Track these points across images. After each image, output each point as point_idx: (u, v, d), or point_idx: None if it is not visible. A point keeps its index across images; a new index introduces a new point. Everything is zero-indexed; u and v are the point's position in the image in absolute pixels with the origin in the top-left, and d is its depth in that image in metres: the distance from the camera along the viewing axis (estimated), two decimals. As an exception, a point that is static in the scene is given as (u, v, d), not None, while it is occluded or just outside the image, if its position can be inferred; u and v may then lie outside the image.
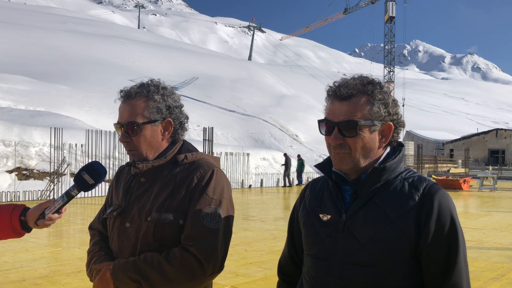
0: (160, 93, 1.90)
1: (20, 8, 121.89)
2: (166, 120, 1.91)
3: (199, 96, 61.54)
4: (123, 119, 1.89)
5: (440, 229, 1.48)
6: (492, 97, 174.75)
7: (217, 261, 1.78)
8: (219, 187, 1.85)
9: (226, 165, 23.70)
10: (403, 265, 1.49)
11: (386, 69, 65.21)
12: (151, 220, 1.82)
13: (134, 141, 1.88)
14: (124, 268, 1.77)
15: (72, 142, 18.38)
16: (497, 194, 22.05)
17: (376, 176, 1.54)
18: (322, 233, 1.59)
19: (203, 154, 1.98)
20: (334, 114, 1.57)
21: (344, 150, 1.56)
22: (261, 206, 15.68)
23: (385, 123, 1.57)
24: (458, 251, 1.48)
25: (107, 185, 14.83)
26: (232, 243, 8.13)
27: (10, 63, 52.21)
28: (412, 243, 1.48)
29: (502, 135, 64.54)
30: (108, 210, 1.97)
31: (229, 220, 1.86)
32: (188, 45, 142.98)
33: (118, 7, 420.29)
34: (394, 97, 1.62)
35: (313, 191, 1.71)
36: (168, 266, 1.73)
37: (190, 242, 1.76)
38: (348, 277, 1.51)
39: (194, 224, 1.78)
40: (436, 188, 1.53)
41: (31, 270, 6.40)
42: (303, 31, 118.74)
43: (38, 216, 1.86)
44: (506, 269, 6.81)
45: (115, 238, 1.91)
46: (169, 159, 1.90)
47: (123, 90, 1.93)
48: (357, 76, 1.62)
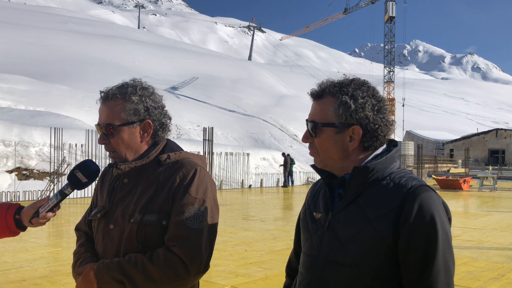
0: (138, 94, 1.86)
1: (20, 8, 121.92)
2: (145, 122, 1.87)
3: (199, 96, 61.55)
4: (101, 121, 1.87)
5: (417, 232, 1.43)
6: (492, 97, 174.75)
7: (202, 261, 1.76)
8: (202, 186, 1.83)
9: (226, 165, 23.69)
10: (381, 266, 1.47)
11: (386, 69, 65.23)
12: (134, 221, 1.80)
13: (112, 143, 1.87)
14: (107, 268, 1.76)
15: (72, 142, 18.39)
16: (497, 194, 22.05)
17: (358, 175, 1.53)
18: (312, 231, 1.61)
19: (187, 153, 1.95)
20: (309, 113, 1.61)
21: (313, 150, 1.60)
22: (261, 206, 15.68)
23: (349, 126, 1.53)
24: (435, 255, 1.43)
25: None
26: (232, 243, 8.07)
27: (10, 63, 52.24)
28: (389, 244, 1.45)
29: (502, 135, 64.55)
30: (93, 211, 1.96)
31: (214, 219, 1.84)
32: (188, 45, 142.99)
33: (118, 7, 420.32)
34: (379, 101, 1.55)
35: (313, 191, 1.74)
36: (151, 267, 1.72)
37: (174, 243, 1.74)
38: (327, 275, 1.52)
39: (177, 225, 1.76)
40: (421, 189, 1.47)
41: (31, 270, 6.40)
42: (303, 31, 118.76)
43: (32, 215, 1.86)
44: (506, 269, 6.81)
45: (99, 240, 1.90)
46: (151, 159, 1.88)
47: (102, 91, 1.91)
48: (345, 77, 1.61)
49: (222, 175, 23.32)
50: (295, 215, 14.06)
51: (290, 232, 10.25)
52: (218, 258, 6.89)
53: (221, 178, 23.09)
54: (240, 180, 24.12)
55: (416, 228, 1.43)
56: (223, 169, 23.54)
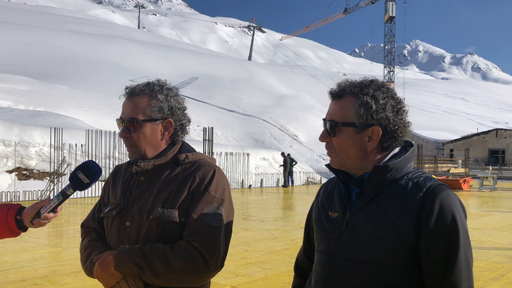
0: (164, 93, 1.92)
1: (20, 8, 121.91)
2: (167, 120, 1.92)
3: (199, 96, 61.52)
4: (125, 115, 1.92)
5: (439, 229, 1.47)
6: (492, 97, 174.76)
7: (219, 258, 1.80)
8: (220, 186, 1.89)
9: (226, 165, 23.70)
10: (402, 264, 1.50)
11: (386, 69, 65.25)
12: (153, 218, 1.83)
13: (133, 137, 1.91)
14: (129, 251, 1.78)
15: (72, 142, 18.39)
16: (497, 194, 22.06)
17: (378, 175, 1.56)
18: (328, 230, 1.63)
19: (202, 154, 2.01)
20: (328, 112, 1.63)
21: (330, 149, 1.62)
22: (261, 206, 15.69)
23: (369, 126, 1.56)
24: (458, 252, 1.47)
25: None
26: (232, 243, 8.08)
27: (10, 63, 52.22)
28: (411, 242, 1.49)
29: (502, 135, 64.55)
30: (106, 209, 1.97)
31: (230, 218, 1.89)
32: (188, 45, 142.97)
33: (118, 7, 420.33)
34: (398, 103, 1.59)
35: (325, 190, 1.76)
36: (173, 257, 1.75)
37: (194, 238, 1.78)
38: (347, 273, 1.54)
39: (198, 221, 1.80)
40: (440, 188, 1.51)
41: (31, 270, 6.40)
42: (303, 31, 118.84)
43: (33, 215, 1.87)
44: (506, 269, 6.82)
45: (114, 237, 1.91)
46: (169, 158, 1.93)
47: (128, 87, 1.97)
48: (364, 78, 1.64)
49: (222, 175, 23.32)
50: (295, 215, 14.06)
51: (290, 232, 10.25)
52: (218, 258, 6.91)
53: (221, 178, 23.08)
54: (240, 180, 24.13)
55: (438, 226, 1.47)
56: (223, 169, 23.55)
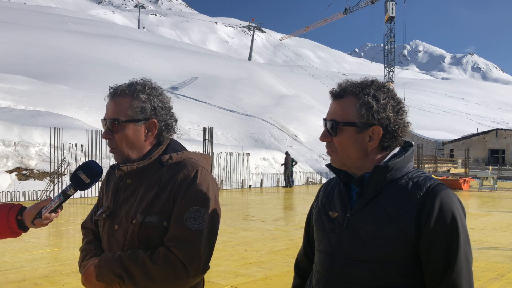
0: (147, 93, 1.88)
1: (20, 8, 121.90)
2: (150, 121, 1.88)
3: (199, 96, 61.53)
4: (107, 116, 1.89)
5: (440, 228, 1.48)
6: (492, 97, 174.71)
7: (200, 263, 1.76)
8: (203, 187, 1.82)
9: (226, 165, 23.70)
10: (403, 263, 1.51)
11: (386, 69, 65.25)
12: (135, 223, 1.81)
13: (116, 138, 1.88)
14: (108, 262, 1.78)
15: (72, 142, 18.39)
16: (497, 194, 22.06)
17: (379, 174, 1.57)
18: (329, 229, 1.64)
19: (190, 153, 1.94)
20: (328, 112, 1.63)
21: (331, 149, 1.63)
22: (261, 206, 15.69)
23: (370, 126, 1.57)
24: (458, 251, 1.48)
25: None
26: (232, 243, 8.06)
27: (10, 63, 52.23)
28: (411, 241, 1.50)
29: (502, 135, 64.54)
30: (99, 211, 1.97)
31: (214, 220, 1.84)
32: (188, 45, 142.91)
33: (118, 7, 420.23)
34: (398, 103, 1.60)
35: (326, 190, 1.77)
36: (151, 265, 1.73)
37: (172, 243, 1.75)
38: (349, 272, 1.55)
39: (177, 225, 1.77)
40: (440, 188, 1.52)
41: (31, 270, 6.40)
42: (303, 31, 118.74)
43: (35, 216, 1.86)
44: (506, 269, 6.82)
45: (105, 240, 1.92)
46: (153, 159, 1.88)
47: (112, 87, 1.94)
48: (364, 78, 1.65)
49: (222, 175, 23.33)
50: (295, 215, 14.07)
51: (290, 232, 10.26)
52: (218, 258, 6.89)
53: (221, 178, 23.09)
54: (240, 180, 24.12)
55: (438, 225, 1.48)
56: (223, 169, 23.55)
